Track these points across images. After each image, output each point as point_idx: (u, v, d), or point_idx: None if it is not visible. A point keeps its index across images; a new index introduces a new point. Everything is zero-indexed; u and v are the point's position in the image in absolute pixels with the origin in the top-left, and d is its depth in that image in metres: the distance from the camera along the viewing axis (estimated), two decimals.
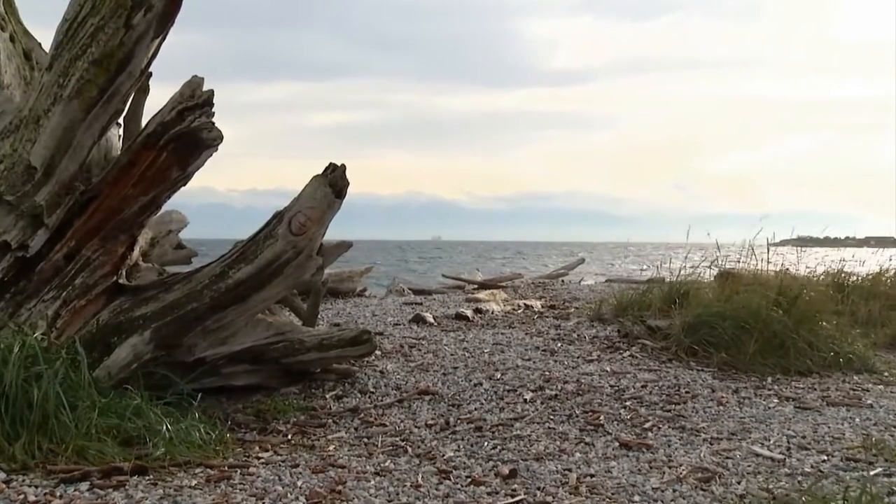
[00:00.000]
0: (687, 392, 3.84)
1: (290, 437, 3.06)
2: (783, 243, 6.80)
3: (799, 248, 6.49)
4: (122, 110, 3.43)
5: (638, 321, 5.39)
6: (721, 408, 3.57)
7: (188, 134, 3.22)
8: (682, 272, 5.95)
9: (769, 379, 4.19)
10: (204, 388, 3.31)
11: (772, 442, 3.03)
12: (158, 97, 3.60)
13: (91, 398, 2.70)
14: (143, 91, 3.96)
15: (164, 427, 2.72)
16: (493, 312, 6.96)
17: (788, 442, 3.04)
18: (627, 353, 4.85)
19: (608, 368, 4.37)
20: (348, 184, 3.49)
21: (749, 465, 2.75)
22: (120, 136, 3.94)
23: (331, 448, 2.92)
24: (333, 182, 3.43)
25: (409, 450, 2.90)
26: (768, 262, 5.62)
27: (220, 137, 3.30)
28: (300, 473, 2.57)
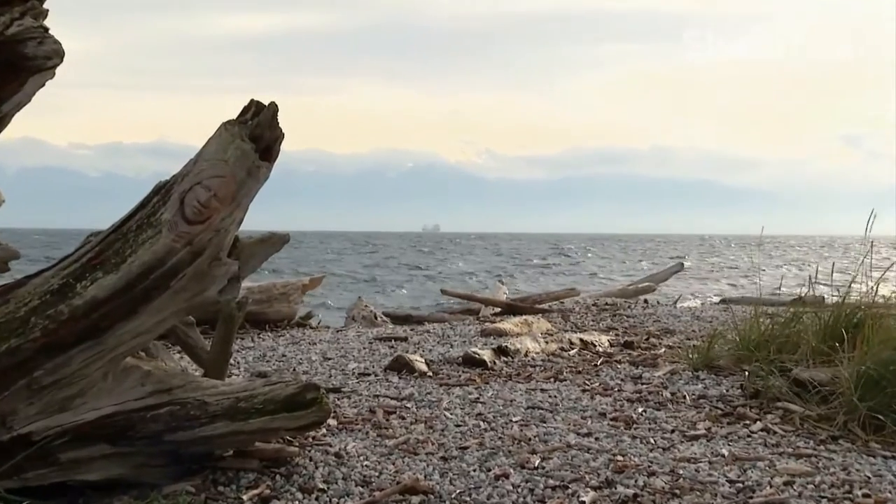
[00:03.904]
0: (866, 494, 3.82)
1: None
2: None
3: None
4: None
5: (776, 371, 5.42)
6: None
7: (2, 47, 3.24)
8: (856, 287, 5.98)
9: None
10: (29, 487, 3.30)
11: None
12: None
13: None
14: None
15: None
16: (526, 354, 7.07)
17: None
18: (758, 424, 4.86)
19: (725, 451, 4.40)
20: (282, 136, 3.56)
21: None
22: None
23: None
24: (256, 133, 3.46)
25: None
26: None
27: (58, 54, 3.34)
28: None
